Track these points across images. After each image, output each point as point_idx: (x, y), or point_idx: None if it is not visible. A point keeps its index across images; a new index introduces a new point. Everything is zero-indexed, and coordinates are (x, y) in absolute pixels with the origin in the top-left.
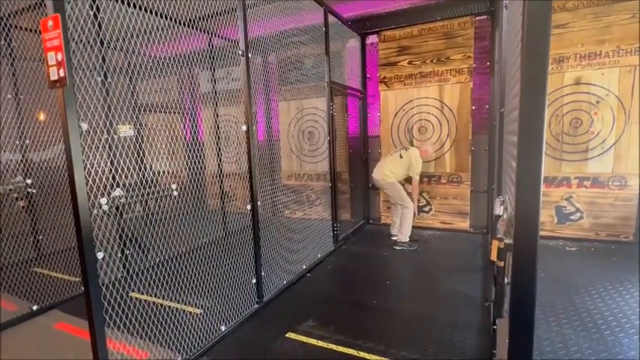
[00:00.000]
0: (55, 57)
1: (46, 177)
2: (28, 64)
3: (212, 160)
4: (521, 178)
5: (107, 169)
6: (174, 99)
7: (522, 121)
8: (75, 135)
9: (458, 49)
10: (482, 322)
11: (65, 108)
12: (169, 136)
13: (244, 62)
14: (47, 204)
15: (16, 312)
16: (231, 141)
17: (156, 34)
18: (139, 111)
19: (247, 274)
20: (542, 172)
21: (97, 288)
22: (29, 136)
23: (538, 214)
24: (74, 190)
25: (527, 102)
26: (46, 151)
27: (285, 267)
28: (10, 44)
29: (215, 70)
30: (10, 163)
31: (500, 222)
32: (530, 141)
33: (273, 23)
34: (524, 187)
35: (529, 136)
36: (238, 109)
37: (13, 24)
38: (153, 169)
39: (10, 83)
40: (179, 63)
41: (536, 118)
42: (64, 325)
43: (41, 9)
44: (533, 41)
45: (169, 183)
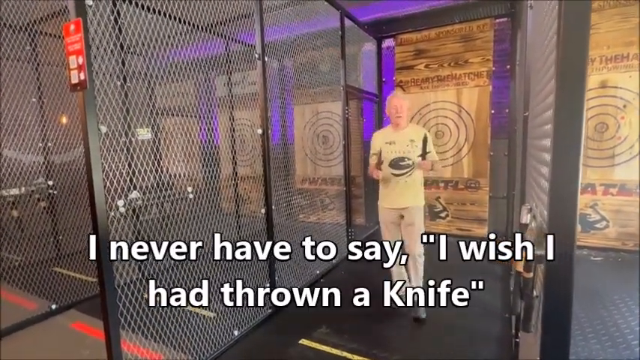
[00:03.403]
0: (76, 60)
1: (67, 179)
2: (52, 68)
3: (227, 163)
4: (556, 186)
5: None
6: (191, 103)
7: (558, 127)
8: (94, 137)
9: (477, 52)
10: (503, 333)
11: (85, 111)
12: (185, 139)
13: (260, 66)
14: (67, 205)
15: (35, 311)
16: (247, 144)
17: (174, 38)
18: (156, 114)
19: (261, 279)
20: (579, 181)
21: (113, 290)
22: (51, 138)
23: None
24: (92, 191)
25: (563, 106)
26: (67, 154)
27: (298, 272)
28: (35, 49)
29: (231, 74)
30: (32, 165)
31: (528, 231)
32: (567, 148)
33: (290, 27)
34: (559, 197)
35: (565, 143)
36: (254, 112)
37: (38, 30)
38: (169, 171)
39: (34, 87)
40: (196, 67)
41: (574, 123)
42: (81, 324)
43: (64, 15)
44: (571, 42)
45: (185, 186)
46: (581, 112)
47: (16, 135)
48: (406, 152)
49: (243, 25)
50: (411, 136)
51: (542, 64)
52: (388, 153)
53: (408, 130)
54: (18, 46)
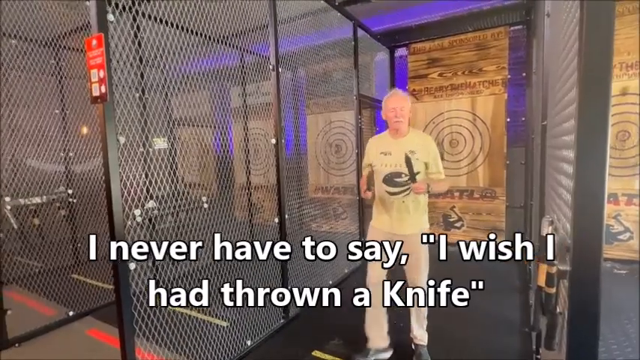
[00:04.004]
0: (98, 74)
1: (85, 188)
2: (73, 81)
3: (241, 173)
4: (580, 200)
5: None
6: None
7: (581, 139)
8: (113, 148)
9: (491, 60)
10: (522, 349)
11: (105, 122)
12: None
13: (275, 77)
14: (85, 213)
15: (53, 317)
16: (260, 153)
17: (191, 51)
18: (172, 125)
19: (274, 282)
20: (605, 194)
21: (129, 298)
22: (72, 148)
23: (601, 241)
24: (110, 201)
25: (587, 117)
26: (86, 163)
27: (311, 282)
28: (59, 63)
29: (246, 85)
30: (54, 174)
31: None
32: (591, 160)
33: (303, 38)
34: (584, 211)
35: (589, 155)
36: (267, 122)
37: (61, 44)
38: (184, 181)
39: (57, 99)
40: (212, 78)
41: (599, 135)
42: (96, 331)
43: (86, 30)
44: (594, 50)
45: (200, 195)
46: (606, 122)
47: (39, 145)
48: (404, 166)
49: (257, 37)
50: (411, 146)
51: (562, 72)
52: (382, 166)
53: (408, 137)
54: (43, 60)
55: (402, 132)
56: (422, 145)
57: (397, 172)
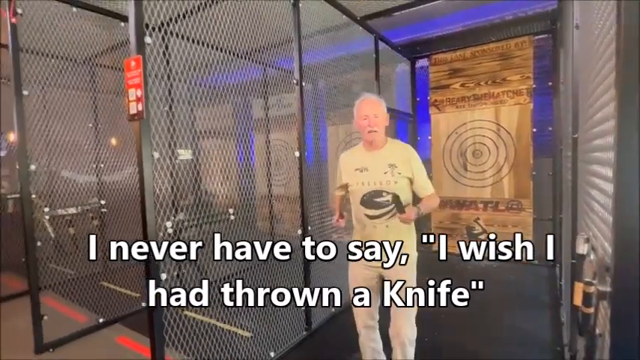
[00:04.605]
0: (135, 93)
1: (116, 198)
2: (106, 96)
3: (262, 183)
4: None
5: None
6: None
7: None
8: (148, 163)
9: (515, 69)
10: None
11: (141, 138)
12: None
13: (298, 90)
14: (115, 222)
15: (84, 323)
16: (281, 164)
17: (216, 67)
18: (197, 137)
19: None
20: None
21: (160, 309)
22: (103, 160)
23: None
24: (144, 213)
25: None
26: (116, 174)
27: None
28: (94, 79)
29: (268, 97)
30: (87, 185)
31: (587, 263)
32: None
33: (325, 51)
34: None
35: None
36: (288, 133)
37: (96, 62)
38: (208, 192)
39: (91, 114)
40: (235, 91)
41: None
42: (125, 339)
43: (119, 49)
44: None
45: (225, 206)
46: None
47: (73, 157)
48: (384, 183)
49: (279, 51)
50: (391, 159)
51: (595, 87)
52: (358, 185)
53: (386, 149)
54: (79, 77)
55: (377, 144)
56: (403, 157)
57: (377, 191)
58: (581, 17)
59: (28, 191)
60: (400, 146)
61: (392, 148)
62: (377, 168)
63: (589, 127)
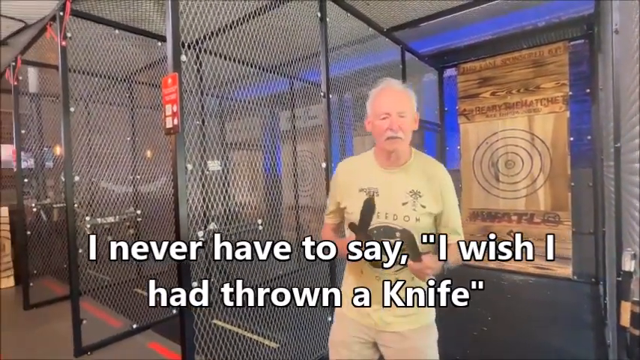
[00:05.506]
0: (172, 108)
1: (150, 207)
2: (142, 110)
3: (288, 194)
4: None
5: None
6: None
7: None
8: (182, 175)
9: (550, 76)
10: None
11: (177, 151)
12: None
13: (325, 103)
14: (149, 230)
15: (119, 328)
16: (307, 175)
17: (245, 81)
18: (226, 148)
19: (323, 312)
20: None
21: (191, 316)
22: (138, 171)
23: None
24: (178, 224)
25: None
26: (150, 184)
27: None
28: (132, 95)
29: (294, 109)
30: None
31: (634, 281)
32: None
33: (351, 62)
34: None
35: None
36: (314, 144)
37: (134, 80)
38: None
39: (129, 128)
40: (263, 104)
41: None
42: (156, 345)
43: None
44: None
45: (253, 216)
46: None
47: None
48: (400, 218)
49: (306, 64)
50: (415, 183)
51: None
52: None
53: (410, 167)
54: (118, 94)
55: (399, 156)
56: (433, 183)
57: (389, 228)
58: (621, 21)
59: (72, 201)
60: (430, 165)
61: (418, 167)
62: (393, 194)
63: (632, 136)
